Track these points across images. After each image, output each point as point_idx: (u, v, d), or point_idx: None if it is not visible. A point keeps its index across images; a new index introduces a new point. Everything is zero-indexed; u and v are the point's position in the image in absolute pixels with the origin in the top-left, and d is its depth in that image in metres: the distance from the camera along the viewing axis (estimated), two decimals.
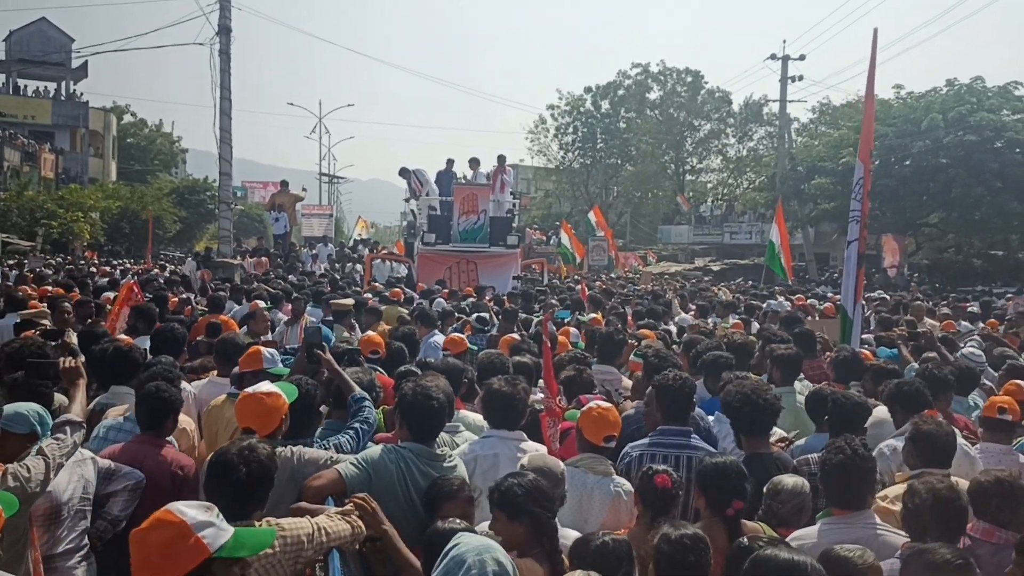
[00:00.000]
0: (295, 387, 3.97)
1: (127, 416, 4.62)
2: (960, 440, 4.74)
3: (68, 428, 3.69)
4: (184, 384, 5.65)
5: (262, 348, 5.34)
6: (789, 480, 3.80)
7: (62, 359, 4.32)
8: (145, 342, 6.77)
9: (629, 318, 10.77)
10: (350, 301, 10.24)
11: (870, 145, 8.49)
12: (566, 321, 9.95)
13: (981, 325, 12.81)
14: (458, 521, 3.20)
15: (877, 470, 3.85)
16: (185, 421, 4.89)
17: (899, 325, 9.84)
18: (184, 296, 12.22)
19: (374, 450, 3.78)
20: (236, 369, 5.47)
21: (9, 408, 3.73)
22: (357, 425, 4.30)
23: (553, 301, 12.36)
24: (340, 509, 3.25)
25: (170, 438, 4.41)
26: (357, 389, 4.53)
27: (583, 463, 4.10)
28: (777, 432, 4.83)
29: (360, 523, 3.19)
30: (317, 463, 3.72)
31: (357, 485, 3.56)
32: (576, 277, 22.73)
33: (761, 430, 4.47)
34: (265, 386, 3.80)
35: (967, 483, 4.36)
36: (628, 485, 4.07)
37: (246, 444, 3.10)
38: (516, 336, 7.84)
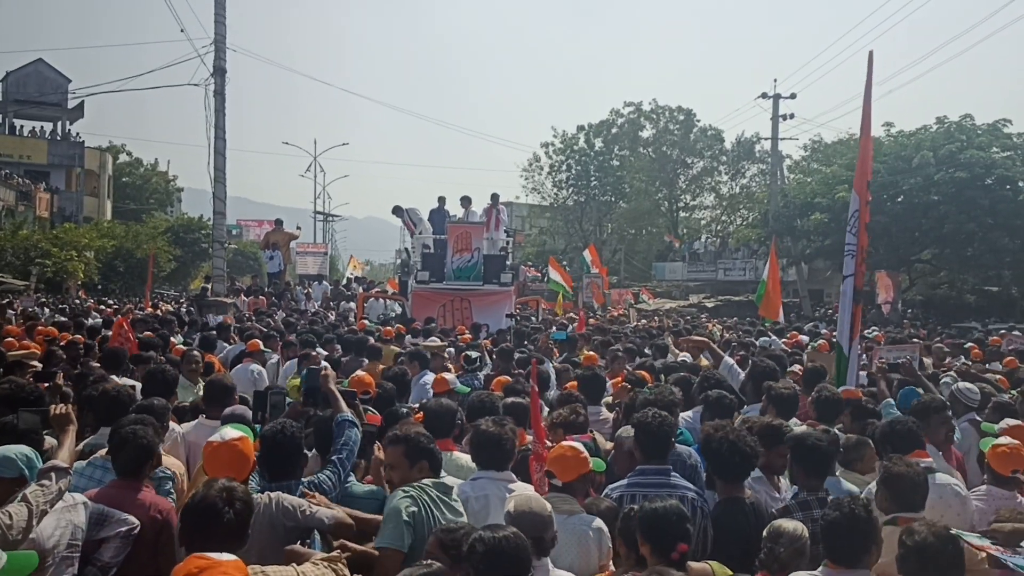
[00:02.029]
0: (249, 428, 3.98)
1: (91, 460, 4.55)
2: (950, 480, 4.70)
3: (54, 474, 3.60)
4: (174, 426, 5.61)
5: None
6: (789, 524, 3.81)
7: (53, 405, 4.28)
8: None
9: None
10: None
11: (867, 176, 7.84)
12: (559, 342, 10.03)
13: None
14: (433, 564, 3.12)
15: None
16: (175, 464, 4.82)
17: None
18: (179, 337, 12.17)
19: (403, 505, 3.79)
20: (226, 411, 5.43)
21: None
22: (335, 458, 4.33)
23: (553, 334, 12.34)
24: (326, 556, 3.22)
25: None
26: (345, 411, 4.58)
27: (550, 503, 4.08)
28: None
29: (346, 572, 3.16)
30: (295, 512, 3.71)
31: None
32: (573, 315, 22.65)
33: (741, 476, 4.45)
34: (231, 432, 3.77)
35: (963, 525, 4.33)
36: (598, 522, 4.03)
37: (222, 486, 3.10)
38: (509, 377, 7.79)
